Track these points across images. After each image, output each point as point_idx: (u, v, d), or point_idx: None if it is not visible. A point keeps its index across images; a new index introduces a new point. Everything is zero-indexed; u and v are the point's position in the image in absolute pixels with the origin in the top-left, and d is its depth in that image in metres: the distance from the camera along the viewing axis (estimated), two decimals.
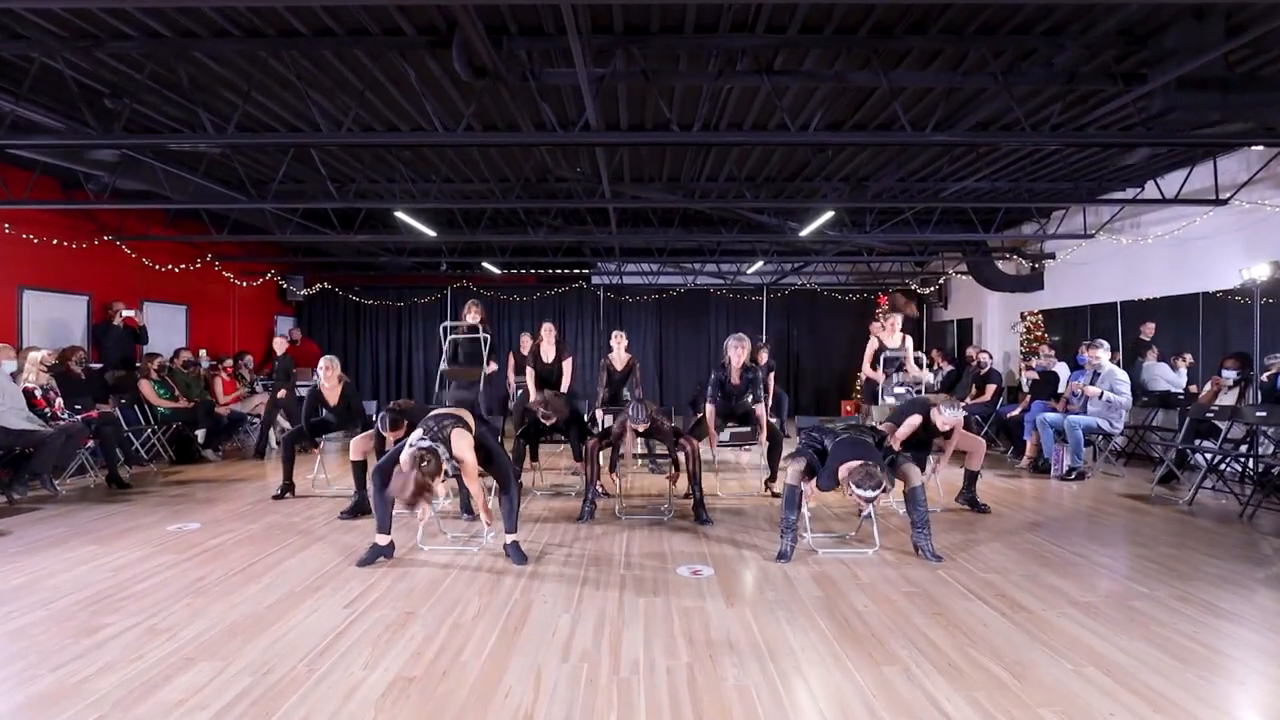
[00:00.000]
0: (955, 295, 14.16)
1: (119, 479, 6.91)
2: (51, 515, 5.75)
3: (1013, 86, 4.82)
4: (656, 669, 2.96)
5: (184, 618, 3.55)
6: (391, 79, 5.34)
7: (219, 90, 5.43)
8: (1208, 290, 8.00)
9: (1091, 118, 5.67)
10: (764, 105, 5.82)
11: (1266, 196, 7.06)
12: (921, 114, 5.82)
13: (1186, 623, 3.46)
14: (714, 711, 2.61)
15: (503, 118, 6.12)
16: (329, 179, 7.33)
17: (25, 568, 4.36)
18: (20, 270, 8.32)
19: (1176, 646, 3.18)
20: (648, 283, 14.93)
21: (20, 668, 2.99)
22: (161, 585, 4.05)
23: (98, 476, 7.17)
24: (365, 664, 3.01)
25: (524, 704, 2.67)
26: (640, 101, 5.91)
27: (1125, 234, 9.05)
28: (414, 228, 8.66)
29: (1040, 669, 2.96)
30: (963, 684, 2.82)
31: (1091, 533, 5.21)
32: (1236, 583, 4.07)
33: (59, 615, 3.59)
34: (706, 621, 3.47)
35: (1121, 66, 4.90)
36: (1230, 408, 6.47)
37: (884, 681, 2.84)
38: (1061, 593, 3.89)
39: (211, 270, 11.71)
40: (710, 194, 8.86)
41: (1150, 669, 2.96)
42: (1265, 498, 5.76)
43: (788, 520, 4.45)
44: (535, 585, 4.01)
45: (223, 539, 5.04)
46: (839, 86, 5.06)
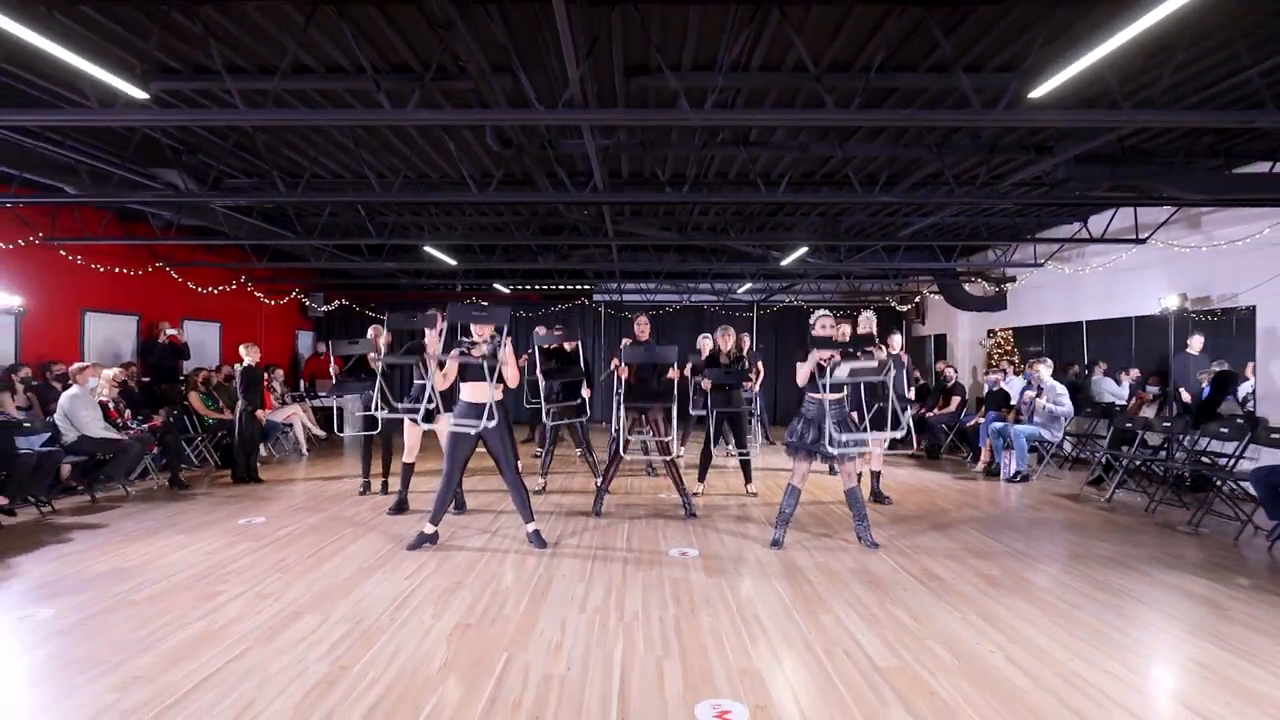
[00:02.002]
0: (931, 312, 15.21)
1: (179, 481, 7.88)
2: (133, 512, 6.72)
3: (945, 155, 5.87)
4: (651, 618, 3.96)
5: (280, 587, 4.54)
6: (432, 144, 6.37)
7: (287, 152, 6.46)
8: (1138, 315, 9.05)
9: (1013, 178, 6.70)
10: (744, 162, 6.85)
11: (1180, 237, 8.12)
12: (874, 172, 6.87)
13: (1061, 588, 4.48)
14: (693, 645, 3.60)
15: (522, 170, 7.15)
16: (367, 217, 8.36)
17: (133, 552, 5.34)
18: (84, 295, 9.33)
19: (1044, 603, 4.20)
20: (646, 300, 15.97)
21: (170, 619, 3.98)
22: (252, 565, 5.03)
23: (159, 479, 8.13)
24: (432, 615, 4.00)
25: (554, 640, 3.67)
26: (640, 157, 6.94)
27: (1071, 263, 10.11)
28: (439, 258, 9.67)
29: (937, 618, 3.96)
30: (876, 626, 3.83)
31: (1017, 525, 6.22)
32: (1116, 560, 5.08)
33: (180, 586, 4.57)
34: (690, 587, 4.48)
35: (1033, 140, 5.95)
36: (1144, 419, 7.50)
37: (819, 625, 3.85)
38: (973, 568, 4.90)
39: (244, 290, 12.73)
40: (702, 226, 9.90)
41: (1019, 617, 3.97)
42: (1168, 494, 6.77)
43: (784, 514, 5.31)
44: (555, 563, 5.00)
45: (289, 530, 6.02)
46: (802, 155, 6.11)
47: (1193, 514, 6.20)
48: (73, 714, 2.91)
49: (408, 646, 3.59)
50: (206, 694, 3.08)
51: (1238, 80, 4.76)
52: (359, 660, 3.42)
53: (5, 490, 5.97)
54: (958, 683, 3.19)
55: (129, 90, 3.99)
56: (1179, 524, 6.18)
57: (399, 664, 3.38)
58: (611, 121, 4.69)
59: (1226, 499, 6.19)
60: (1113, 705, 3.00)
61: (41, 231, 8.26)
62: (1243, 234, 7.23)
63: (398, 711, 2.93)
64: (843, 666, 3.35)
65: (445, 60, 4.55)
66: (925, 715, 2.91)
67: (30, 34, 3.59)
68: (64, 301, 9.07)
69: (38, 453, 6.39)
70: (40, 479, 6.41)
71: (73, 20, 4.26)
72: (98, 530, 5.95)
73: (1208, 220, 7.91)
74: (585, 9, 3.85)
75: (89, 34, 4.42)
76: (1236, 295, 7.55)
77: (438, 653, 3.51)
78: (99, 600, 4.26)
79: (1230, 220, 7.56)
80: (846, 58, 4.83)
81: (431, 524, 5.33)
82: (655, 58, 4.33)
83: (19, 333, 8.39)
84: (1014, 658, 3.45)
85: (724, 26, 4.37)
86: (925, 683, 3.19)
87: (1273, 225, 6.57)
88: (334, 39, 4.55)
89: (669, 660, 3.41)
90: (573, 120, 4.30)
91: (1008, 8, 4.03)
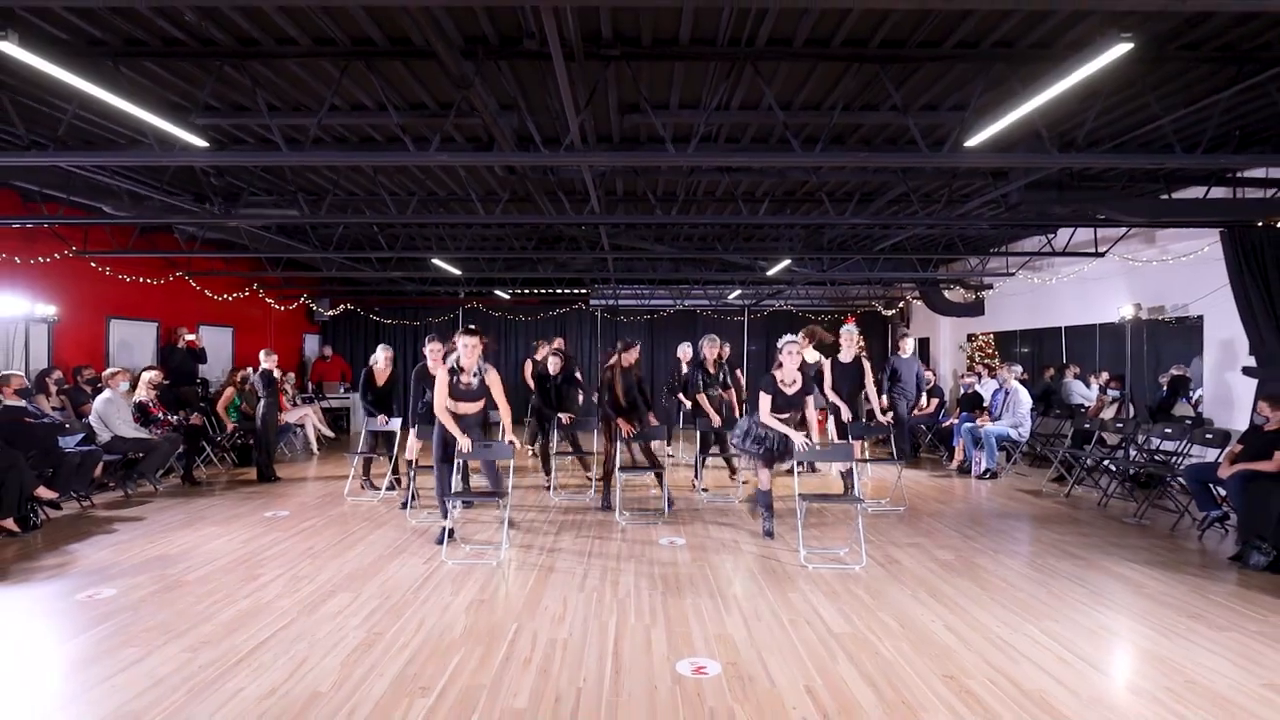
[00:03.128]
0: (915, 317, 15.82)
1: (193, 478, 8.41)
2: (166, 506, 7.28)
3: (909, 180, 6.46)
4: (641, 595, 4.54)
5: (312, 570, 5.11)
6: (444, 169, 6.95)
7: (311, 176, 7.03)
8: (1102, 322, 9.67)
9: (973, 200, 7.30)
10: (728, 185, 7.44)
11: (1136, 250, 8.73)
12: (848, 192, 7.46)
13: (1003, 570, 5.08)
14: (676, 616, 4.19)
15: (525, 190, 7.73)
16: (379, 231, 8.93)
17: (174, 541, 5.91)
18: (109, 303, 9.89)
19: (987, 583, 4.79)
20: (640, 304, 16.56)
21: (221, 596, 4.55)
22: (284, 552, 5.60)
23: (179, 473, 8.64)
24: (451, 592, 4.59)
25: (557, 613, 4.25)
26: (633, 180, 7.52)
27: (1041, 273, 10.72)
28: (443, 268, 10.25)
29: (890, 594, 4.56)
30: (836, 601, 4.42)
31: (978, 517, 6.82)
32: (1061, 548, 5.68)
33: (224, 569, 5.15)
34: (676, 570, 5.06)
35: (991, 167, 6.55)
36: (1101, 420, 8.10)
37: (786, 600, 4.44)
38: (929, 553, 5.50)
39: (255, 296, 13.29)
40: (694, 237, 10.49)
41: (963, 595, 4.56)
42: (1118, 489, 7.37)
43: (767, 507, 5.91)
44: (556, 550, 5.59)
45: (312, 522, 6.59)
46: (781, 179, 6.69)
47: (1139, 507, 6.81)
48: (152, 672, 3.48)
49: (432, 617, 4.17)
50: (265, 654, 3.66)
51: (1151, 126, 5.36)
52: (391, 628, 4.00)
53: (54, 485, 6.53)
54: (899, 645, 3.78)
55: (187, 137, 4.56)
56: (1127, 517, 6.78)
57: (426, 630, 3.96)
58: (607, 163, 5.28)
59: (1171, 494, 6.79)
60: (1025, 661, 3.59)
61: (75, 245, 8.81)
62: (1190, 249, 7.84)
63: (429, 667, 3.51)
64: (803, 632, 3.94)
65: (460, 103, 5.13)
66: (869, 669, 3.49)
67: (102, 91, 4.16)
68: (91, 309, 9.62)
69: (81, 451, 6.95)
70: (82, 475, 6.97)
71: (135, 72, 4.82)
72: (137, 522, 6.52)
73: (1161, 235, 8.52)
74: (583, 64, 4.42)
75: (149, 83, 4.98)
76: (1187, 305, 8.16)
77: (458, 622, 4.09)
78: (155, 581, 4.83)
79: (1180, 236, 8.17)
80: (814, 100, 5.42)
81: (443, 517, 5.85)
82: (645, 102, 4.91)
83: (51, 339, 8.95)
84: (951, 626, 4.04)
85: (706, 77, 4.95)
86: (872, 645, 3.78)
87: (1211, 243, 7.18)
88: (363, 86, 5.13)
89: (655, 628, 4.00)
90: (573, 162, 4.88)
91: (951, 64, 4.61)
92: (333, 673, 3.45)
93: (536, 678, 3.40)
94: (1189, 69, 4.66)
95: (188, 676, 3.41)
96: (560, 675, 3.42)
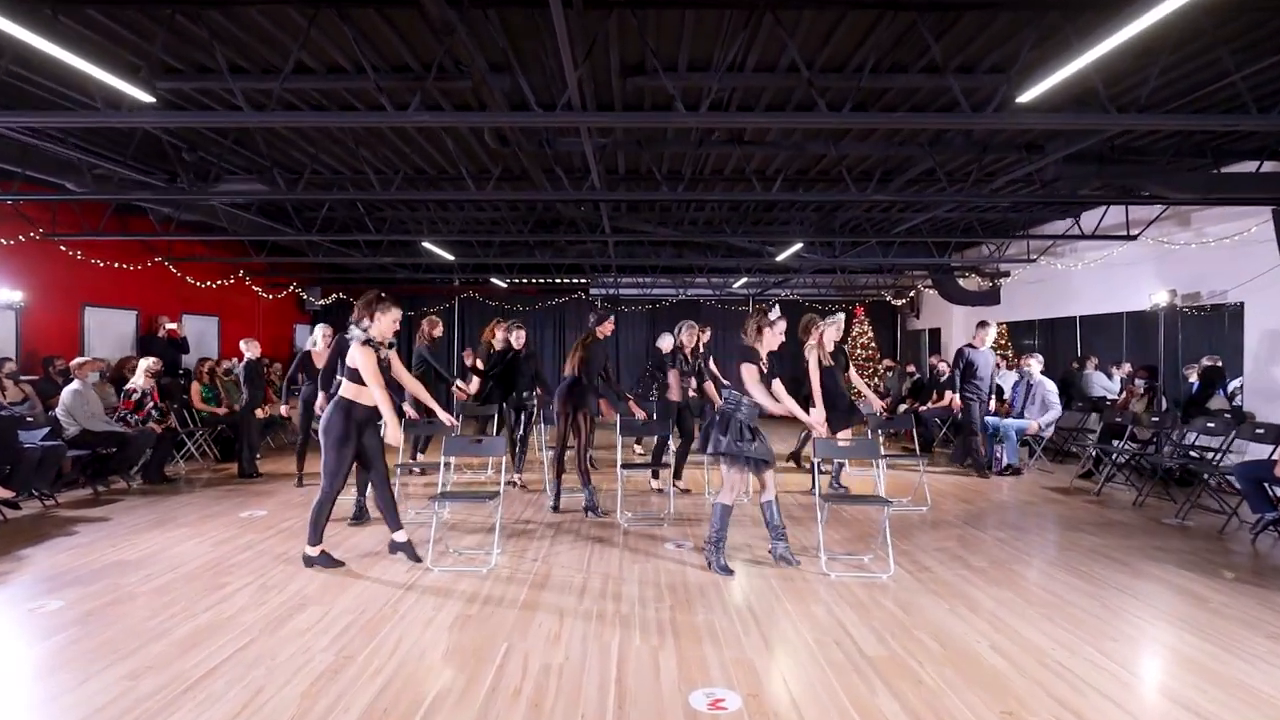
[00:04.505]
0: (926, 306, 15.32)
1: (163, 475, 7.87)
2: (136, 506, 6.80)
3: (937, 154, 5.95)
4: (647, 609, 4.06)
5: (283, 578, 4.63)
6: (431, 141, 6.44)
7: (287, 149, 6.52)
8: (1129, 310, 9.17)
9: (1005, 176, 6.78)
10: (739, 159, 6.93)
11: (1170, 233, 8.22)
12: (869, 169, 6.94)
13: (1047, 580, 4.60)
14: (688, 636, 3.70)
15: (520, 167, 7.22)
16: (365, 213, 8.42)
17: (138, 544, 5.43)
18: (83, 290, 9.38)
19: (1029, 593, 4.31)
20: (642, 294, 16.05)
21: (178, 609, 4.07)
22: (257, 556, 5.13)
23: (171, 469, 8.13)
24: (434, 606, 4.10)
25: (552, 630, 3.77)
26: (637, 155, 7.01)
27: (1064, 259, 10.21)
28: (435, 253, 9.74)
29: (925, 608, 4.08)
30: (866, 616, 3.94)
31: (1006, 518, 6.34)
32: (1103, 553, 5.21)
33: (186, 577, 4.67)
34: (685, 579, 4.58)
35: (1024, 139, 6.04)
36: (1133, 413, 7.62)
37: (810, 615, 3.96)
38: (961, 559, 5.02)
39: (241, 284, 12.78)
40: (698, 222, 9.97)
41: (1006, 608, 4.08)
42: (1154, 488, 6.90)
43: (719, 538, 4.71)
44: (553, 556, 5.11)
45: (290, 523, 6.11)
46: (797, 153, 6.18)
47: (1179, 507, 6.33)
48: (86, 702, 3.01)
49: (410, 636, 3.69)
50: (216, 682, 3.18)
51: (1222, 84, 4.85)
52: (363, 649, 3.52)
53: (10, 483, 6.05)
54: (943, 671, 3.30)
55: (135, 93, 4.06)
56: (1166, 517, 6.30)
57: (402, 653, 3.48)
58: (608, 124, 4.77)
59: (1213, 493, 6.32)
60: (1091, 691, 3.11)
61: (42, 227, 8.31)
62: (1232, 231, 7.33)
63: (402, 699, 3.03)
64: (831, 655, 3.46)
65: (445, 61, 4.62)
66: (912, 702, 3.01)
67: (36, 39, 3.66)
68: (64, 296, 9.12)
69: (41, 447, 6.46)
70: (44, 472, 6.48)
71: (78, 23, 4.32)
72: (102, 524, 6.04)
73: (1197, 217, 8.01)
74: (582, 13, 3.92)
75: (94, 36, 4.47)
76: (1226, 292, 7.66)
77: (440, 642, 3.61)
78: (108, 591, 4.36)
79: (1220, 217, 7.66)
80: (839, 60, 4.91)
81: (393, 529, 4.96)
82: (651, 60, 4.41)
83: (19, 327, 8.45)
84: (998, 646, 3.57)
85: (719, 29, 4.44)
86: (912, 671, 3.30)
87: (1260, 223, 6.68)
88: (335, 41, 4.62)
89: (664, 651, 3.52)
90: (570, 122, 4.37)
91: (996, 12, 4.11)
92: (291, 705, 2.97)
93: (527, 712, 2.92)
94: (1268, 18, 4.14)
95: (124, 710, 2.94)
96: (555, 710, 2.95)
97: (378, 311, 4.67)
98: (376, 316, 4.66)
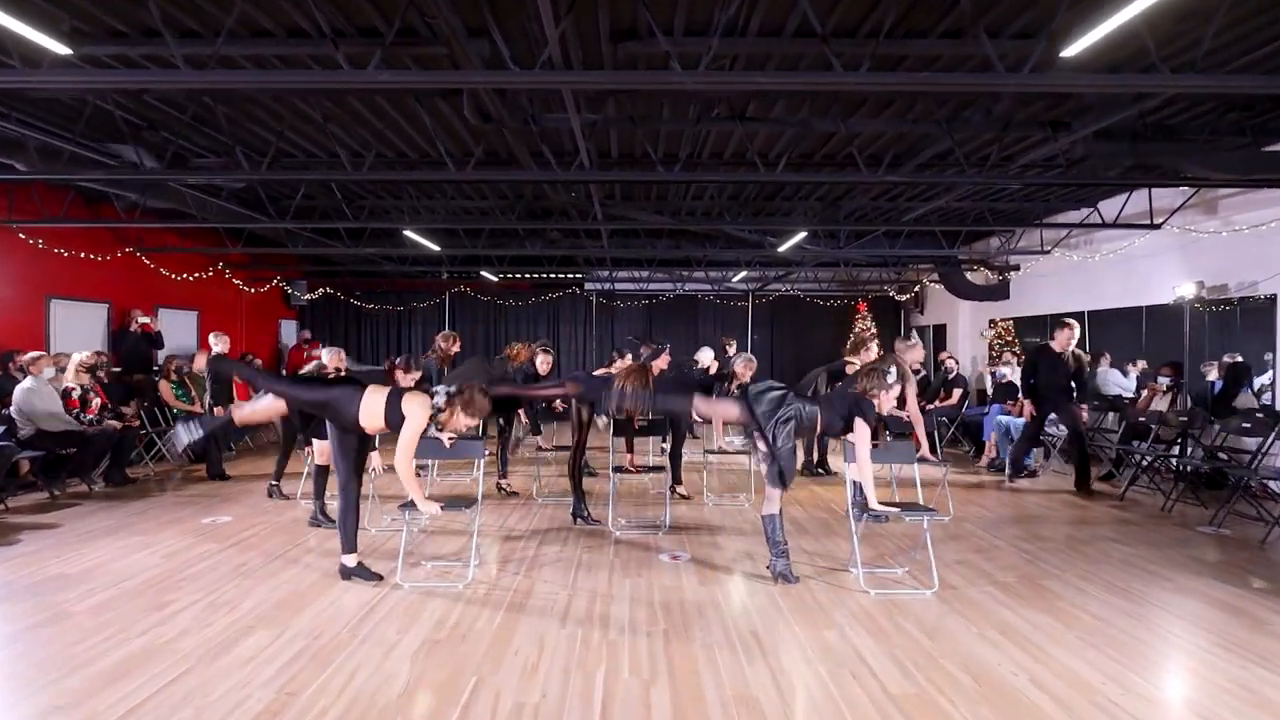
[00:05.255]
0: (931, 301, 14.87)
1: (124, 477, 7.35)
2: (94, 510, 6.33)
3: (955, 132, 5.49)
4: (638, 634, 3.60)
5: (237, 595, 4.17)
6: (407, 117, 5.96)
7: (251, 126, 6.04)
8: (1150, 304, 8.71)
9: (1027, 156, 6.32)
10: (741, 139, 6.46)
11: (1196, 222, 7.77)
12: (879, 151, 6.48)
13: (1081, 596, 4.15)
14: (683, 667, 3.25)
15: (505, 148, 6.75)
16: (343, 199, 7.94)
17: (86, 555, 4.96)
18: (48, 282, 8.89)
19: (1067, 615, 3.86)
20: (639, 289, 15.58)
21: (112, 632, 3.61)
22: (211, 569, 4.66)
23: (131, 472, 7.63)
24: (398, 630, 3.64)
25: (529, 661, 3.31)
26: (630, 136, 6.54)
27: (1079, 250, 9.75)
28: (419, 243, 9.27)
29: (952, 633, 3.62)
30: (886, 643, 3.48)
31: (1027, 526, 5.89)
32: (1137, 565, 4.76)
33: (131, 593, 4.20)
34: (681, 596, 4.12)
35: (1050, 115, 5.57)
36: (1158, 412, 7.17)
37: (822, 642, 3.50)
38: (986, 574, 4.57)
39: (221, 277, 12.28)
40: (696, 211, 9.51)
41: (1042, 632, 3.63)
42: (1183, 493, 6.45)
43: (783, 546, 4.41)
44: (536, 568, 4.65)
45: (255, 530, 5.65)
46: (804, 130, 5.72)
47: (1214, 514, 5.88)
48: None
49: (367, 666, 3.23)
50: None
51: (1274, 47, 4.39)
52: (311, 682, 3.06)
53: None
54: (979, 711, 2.85)
55: (51, 46, 3.58)
56: (1198, 524, 5.86)
57: (355, 688, 3.02)
58: (595, 85, 4.30)
59: (1250, 498, 5.88)
60: None
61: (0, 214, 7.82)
62: (1266, 218, 6.88)
63: None
64: (850, 691, 3.00)
65: (415, 22, 4.15)
66: None
67: None
68: (26, 288, 8.64)
69: None
70: None
71: None
72: (50, 531, 5.57)
73: (1225, 204, 7.56)
74: None
75: None
76: (1257, 283, 7.21)
77: (399, 674, 3.16)
78: (39, 610, 3.90)
79: (1249, 204, 7.21)
80: (851, 23, 4.44)
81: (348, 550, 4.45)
82: (645, 17, 3.94)
83: None
84: (1040, 681, 3.11)
85: None
86: (944, 713, 2.85)
87: None
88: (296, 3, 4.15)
89: (657, 685, 3.06)
90: (552, 82, 3.91)
91: None
92: None
93: None
94: None
95: None
96: None
97: (462, 408, 4.10)
98: (458, 411, 4.11)
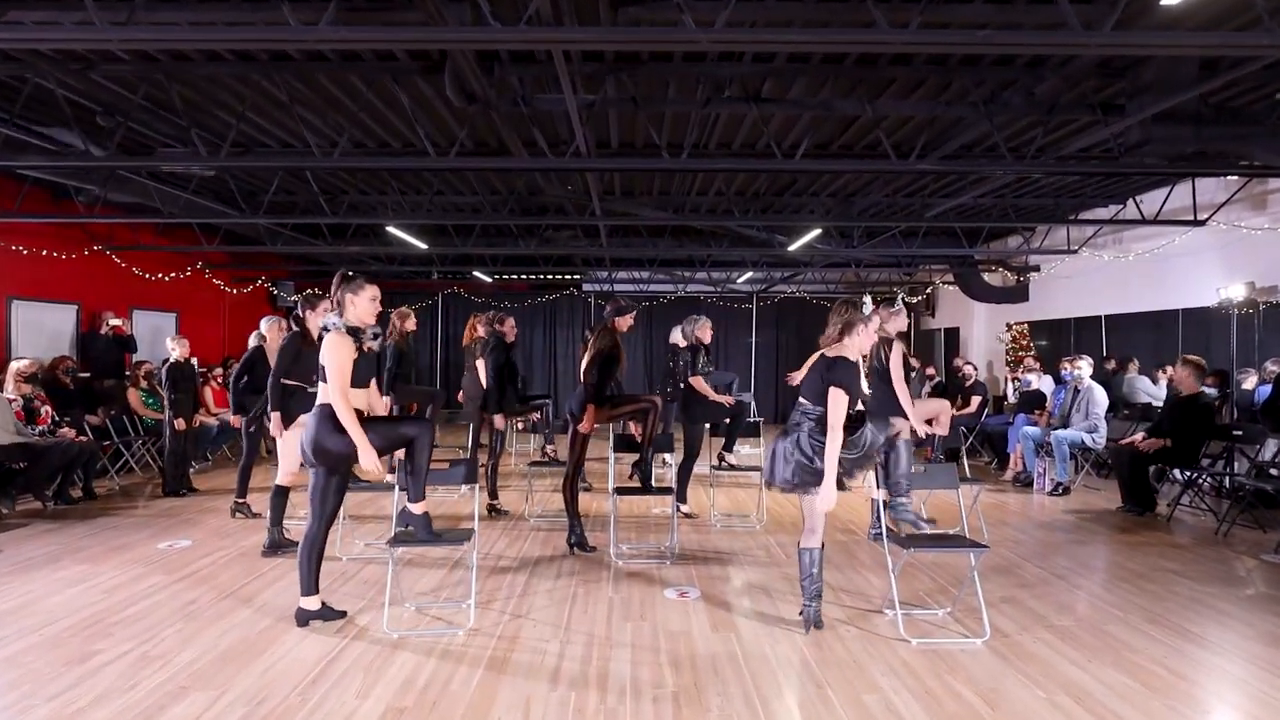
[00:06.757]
0: (942, 304, 14.32)
1: (69, 496, 6.74)
2: (42, 531, 5.76)
3: (994, 115, 4.93)
4: (642, 697, 3.03)
5: (176, 644, 3.59)
6: (384, 100, 5.40)
7: (212, 110, 5.47)
8: (1187, 306, 8.15)
9: (1072, 144, 5.78)
10: (753, 126, 5.91)
11: (1243, 218, 7.21)
12: (906, 138, 5.93)
13: (1157, 647, 3.57)
14: None
15: (494, 137, 6.18)
16: (321, 193, 7.37)
17: (17, 590, 4.38)
18: (9, 282, 8.31)
19: (1147, 673, 3.28)
20: (639, 290, 15.02)
21: (16, 698, 3.03)
22: (153, 609, 4.08)
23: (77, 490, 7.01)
24: (357, 693, 3.06)
25: None
26: (631, 121, 5.99)
27: (1108, 249, 9.19)
28: (405, 240, 8.70)
29: (1013, 696, 3.05)
30: (939, 711, 2.91)
31: (1071, 551, 5.33)
32: (1208, 604, 4.19)
33: (52, 641, 3.62)
34: (692, 646, 3.55)
35: (1100, 96, 5.02)
36: None
37: (863, 710, 2.92)
38: (1038, 616, 3.99)
39: (201, 277, 11.71)
40: (700, 208, 8.94)
41: (1120, 697, 3.05)
42: (1239, 514, 5.89)
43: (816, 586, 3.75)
44: (523, 613, 4.06)
45: (214, 557, 5.07)
46: (824, 114, 5.16)
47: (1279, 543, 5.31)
48: None
49: None
50: None
51: None
52: None
53: None
54: None
55: None
56: (1261, 551, 5.29)
57: None
58: (592, 43, 3.73)
59: None
60: None
61: None
62: None
63: None
64: None
65: None
66: None
67: None
68: None
69: None
70: None
71: None
72: None
73: (1275, 198, 7.00)
74: None
75: None
76: None
77: None
78: None
79: None
80: None
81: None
82: None
83: None
84: None
85: None
86: None
87: None
88: None
89: None
90: (541, 41, 3.33)
91: None
92: None
93: None
94: None
95: None
96: None
97: (349, 293, 3.65)
98: (350, 299, 3.65)
